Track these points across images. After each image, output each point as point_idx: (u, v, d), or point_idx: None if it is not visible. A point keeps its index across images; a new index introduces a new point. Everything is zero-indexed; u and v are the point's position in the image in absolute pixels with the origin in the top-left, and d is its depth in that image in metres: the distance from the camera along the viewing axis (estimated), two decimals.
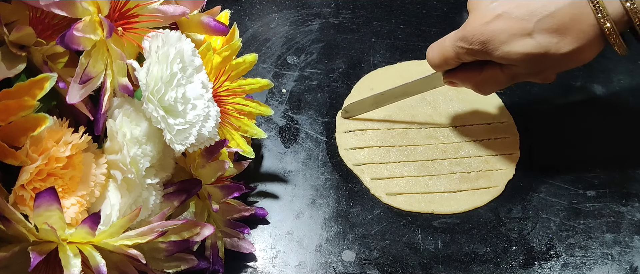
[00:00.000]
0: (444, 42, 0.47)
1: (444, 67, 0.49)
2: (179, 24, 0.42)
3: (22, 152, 0.33)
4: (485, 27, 0.43)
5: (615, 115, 0.57)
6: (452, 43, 0.46)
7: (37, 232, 0.32)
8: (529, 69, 0.44)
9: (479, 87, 0.48)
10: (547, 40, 0.42)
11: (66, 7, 0.34)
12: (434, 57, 0.48)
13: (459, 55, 0.46)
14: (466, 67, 0.48)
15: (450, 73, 0.49)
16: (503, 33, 0.43)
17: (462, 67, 0.48)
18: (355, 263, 0.47)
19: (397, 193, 0.51)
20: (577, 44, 0.42)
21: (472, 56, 0.45)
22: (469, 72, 0.48)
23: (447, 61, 0.47)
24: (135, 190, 0.37)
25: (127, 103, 0.38)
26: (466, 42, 0.44)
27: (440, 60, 0.48)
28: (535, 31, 0.42)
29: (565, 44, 0.42)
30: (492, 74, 0.46)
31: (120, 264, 0.37)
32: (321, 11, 0.66)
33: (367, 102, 0.55)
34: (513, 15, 0.42)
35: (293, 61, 0.61)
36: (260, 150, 0.54)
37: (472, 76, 0.48)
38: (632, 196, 0.51)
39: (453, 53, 0.46)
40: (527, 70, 0.45)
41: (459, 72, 0.48)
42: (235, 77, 0.46)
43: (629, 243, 0.48)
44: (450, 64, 0.47)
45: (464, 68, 0.48)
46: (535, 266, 0.47)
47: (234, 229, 0.46)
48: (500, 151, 0.54)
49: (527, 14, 0.42)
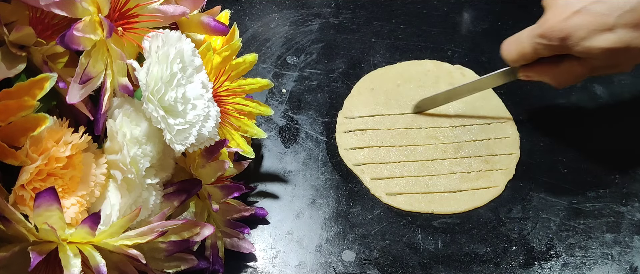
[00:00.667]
0: (521, 38, 0.48)
1: (521, 63, 0.50)
2: (179, 24, 0.42)
3: (22, 152, 0.33)
4: (564, 23, 0.44)
5: (615, 115, 0.57)
6: (530, 39, 0.47)
7: (37, 232, 0.32)
8: (608, 62, 0.45)
9: (556, 79, 0.49)
10: (629, 35, 0.43)
11: (66, 7, 0.34)
12: (510, 53, 0.49)
13: (537, 51, 0.47)
14: (543, 61, 0.48)
15: (527, 67, 0.50)
16: (583, 29, 0.44)
17: (538, 61, 0.49)
18: (355, 263, 0.47)
19: (397, 193, 0.51)
20: None
21: (551, 51, 0.46)
22: (546, 66, 0.49)
23: (525, 57, 0.48)
24: (135, 190, 0.37)
25: (127, 103, 0.38)
26: (545, 39, 0.46)
27: (518, 55, 0.49)
28: (617, 26, 0.43)
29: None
30: (570, 68, 0.47)
31: (120, 264, 0.37)
32: (321, 11, 0.66)
33: (440, 98, 0.56)
34: (592, 11, 0.43)
35: (293, 61, 0.61)
36: (260, 150, 0.54)
37: (549, 69, 0.49)
38: (632, 196, 0.51)
39: (531, 49, 0.47)
40: (606, 63, 0.45)
41: (535, 67, 0.49)
42: (235, 77, 0.46)
43: (629, 243, 0.48)
44: (528, 59, 0.49)
45: (541, 62, 0.49)
46: (535, 266, 0.47)
47: (234, 229, 0.46)
48: (500, 151, 0.54)
49: (607, 9, 0.43)
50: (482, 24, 0.65)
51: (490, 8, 0.67)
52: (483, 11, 0.67)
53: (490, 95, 0.59)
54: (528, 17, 0.65)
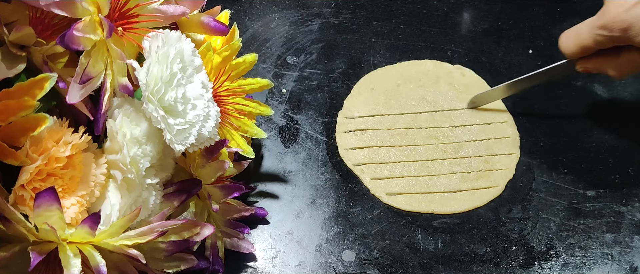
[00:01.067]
0: (580, 30, 0.48)
1: (581, 55, 0.49)
2: (179, 24, 0.42)
3: (22, 152, 0.33)
4: (626, 15, 0.44)
5: (615, 115, 0.57)
6: (590, 31, 0.47)
7: (37, 232, 0.32)
8: None
9: (618, 70, 0.49)
10: None
11: (66, 7, 0.34)
12: (570, 46, 0.49)
13: (598, 43, 0.47)
14: (602, 52, 0.48)
15: (586, 59, 0.50)
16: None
17: (596, 53, 0.49)
18: (355, 263, 0.47)
19: (397, 193, 0.51)
20: None
21: (611, 43, 0.46)
22: (606, 57, 0.48)
23: (585, 49, 0.48)
24: (135, 190, 0.37)
25: (127, 103, 0.38)
26: (607, 30, 0.45)
27: (578, 48, 0.48)
28: None
29: None
30: (631, 58, 0.47)
31: (120, 264, 0.37)
32: (321, 11, 0.66)
33: (496, 92, 0.56)
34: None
35: (293, 61, 0.61)
36: (260, 150, 0.54)
37: (609, 60, 0.48)
38: (632, 196, 0.51)
39: (592, 41, 0.47)
40: None
41: (595, 59, 0.49)
42: (235, 77, 0.46)
43: (629, 243, 0.48)
44: (588, 52, 0.48)
45: (599, 54, 0.49)
46: (535, 266, 0.47)
47: (234, 229, 0.46)
48: (500, 151, 0.54)
49: None
50: (482, 24, 0.65)
51: (490, 8, 0.67)
52: (483, 11, 0.67)
53: None
54: (528, 17, 0.66)
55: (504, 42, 0.63)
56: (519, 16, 0.66)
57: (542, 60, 0.61)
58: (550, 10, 0.66)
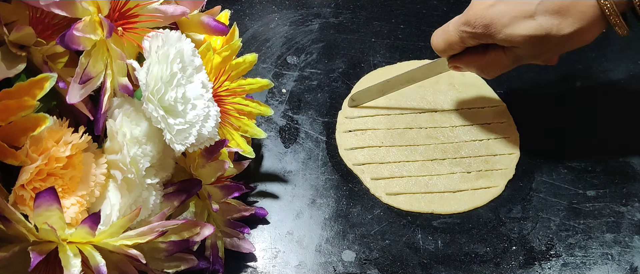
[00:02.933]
0: (448, 27, 0.48)
1: (449, 52, 0.50)
2: (179, 24, 0.42)
3: (22, 152, 0.33)
4: (487, 11, 0.44)
5: (615, 115, 0.57)
6: (455, 28, 0.47)
7: (37, 232, 0.32)
8: (531, 51, 0.45)
9: (483, 70, 0.49)
10: (549, 22, 0.43)
11: (66, 7, 0.34)
12: (438, 43, 0.49)
13: (463, 40, 0.47)
14: (470, 51, 0.49)
15: (455, 58, 0.50)
16: (505, 16, 0.44)
17: (466, 51, 0.49)
18: (355, 263, 0.47)
19: (397, 193, 0.51)
20: (579, 25, 0.43)
21: (475, 40, 0.46)
22: (473, 56, 0.49)
23: (452, 46, 0.48)
24: (135, 190, 0.37)
25: (127, 103, 0.38)
26: (469, 26, 0.45)
27: (445, 45, 0.49)
28: (537, 13, 0.43)
29: (566, 25, 0.43)
30: (496, 57, 0.47)
31: (120, 264, 0.37)
32: (321, 11, 0.66)
33: (374, 90, 0.56)
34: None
35: (293, 61, 0.61)
36: (260, 150, 0.54)
37: (476, 59, 0.49)
38: (632, 196, 0.51)
39: (457, 38, 0.47)
40: (529, 52, 0.45)
41: (463, 57, 0.49)
42: (235, 77, 0.46)
43: (629, 243, 0.48)
44: (455, 48, 0.49)
45: (468, 52, 0.49)
46: (535, 266, 0.47)
47: (234, 229, 0.46)
48: (500, 150, 0.54)
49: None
50: None
51: None
52: None
53: (491, 95, 0.59)
54: None
55: None
56: None
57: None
58: None
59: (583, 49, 0.59)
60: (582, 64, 0.61)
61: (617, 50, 0.61)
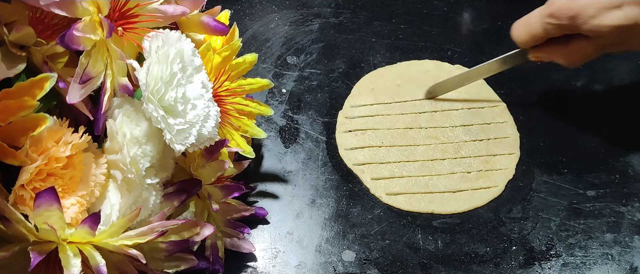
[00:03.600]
0: (530, 19, 0.49)
1: (532, 44, 0.50)
2: (179, 24, 0.42)
3: (22, 152, 0.33)
4: (573, 3, 0.45)
5: (616, 115, 0.57)
6: (539, 20, 0.48)
7: (37, 232, 0.32)
8: (616, 40, 0.46)
9: (567, 59, 0.50)
10: (636, 12, 0.44)
11: (66, 7, 0.34)
12: (520, 35, 0.50)
13: (547, 31, 0.48)
14: (552, 41, 0.49)
15: (537, 48, 0.50)
16: (591, 7, 0.44)
17: (548, 41, 0.49)
18: (355, 263, 0.47)
19: (397, 193, 0.51)
20: None
21: (561, 31, 0.47)
22: (556, 46, 0.49)
23: (535, 38, 0.49)
24: (135, 190, 0.37)
25: (127, 103, 0.38)
26: (555, 18, 0.46)
27: (528, 37, 0.49)
28: (624, 3, 0.44)
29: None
30: (580, 47, 0.48)
31: (120, 264, 0.37)
32: (321, 11, 0.66)
33: (451, 82, 0.57)
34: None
35: (293, 61, 0.61)
36: (260, 150, 0.54)
37: (559, 49, 0.49)
38: (632, 196, 0.51)
39: (541, 30, 0.48)
40: (614, 41, 0.46)
41: (545, 47, 0.50)
42: (235, 77, 0.46)
43: (629, 243, 0.48)
44: (538, 40, 0.49)
45: (550, 42, 0.49)
46: (535, 266, 0.47)
47: (234, 229, 0.46)
48: (500, 151, 0.54)
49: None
50: (482, 24, 0.65)
51: (490, 8, 0.67)
52: (483, 11, 0.67)
53: (491, 95, 0.59)
54: None
55: (504, 42, 0.63)
56: (519, 16, 0.65)
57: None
58: None
59: None
60: (583, 64, 0.61)
61: None
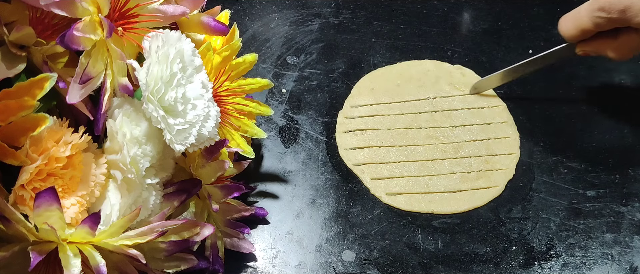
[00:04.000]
0: (579, 13, 0.48)
1: (580, 38, 0.50)
2: (179, 24, 0.42)
3: (22, 152, 0.33)
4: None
5: (616, 115, 0.57)
6: (589, 13, 0.47)
7: (37, 232, 0.32)
8: None
9: (617, 52, 0.49)
10: None
11: (66, 7, 0.34)
12: (569, 30, 0.50)
13: (597, 25, 0.47)
14: (600, 35, 0.49)
15: (585, 42, 0.50)
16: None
17: (595, 35, 0.49)
18: (355, 263, 0.47)
19: (397, 193, 0.51)
20: None
21: (610, 24, 0.47)
22: (605, 40, 0.49)
23: (584, 32, 0.49)
24: (135, 190, 0.37)
25: (127, 103, 0.38)
26: (605, 12, 0.46)
27: (577, 31, 0.49)
28: None
29: None
30: (629, 40, 0.48)
31: (120, 264, 0.37)
32: (321, 11, 0.66)
33: (496, 78, 0.57)
34: None
35: (293, 61, 0.61)
36: (260, 150, 0.54)
37: (608, 43, 0.49)
38: (632, 196, 0.51)
39: (591, 24, 0.48)
40: None
41: (594, 41, 0.50)
42: (235, 77, 0.46)
43: (629, 243, 0.48)
44: (587, 34, 0.49)
45: (598, 36, 0.49)
46: (535, 266, 0.47)
47: (234, 229, 0.46)
48: (500, 151, 0.54)
49: None
50: (482, 24, 0.65)
51: (490, 8, 0.67)
52: (483, 11, 0.67)
53: (491, 95, 0.59)
54: (528, 17, 0.66)
55: (504, 42, 0.63)
56: (519, 16, 0.66)
57: None
58: (550, 10, 0.66)
59: None
60: (584, 64, 0.61)
61: None
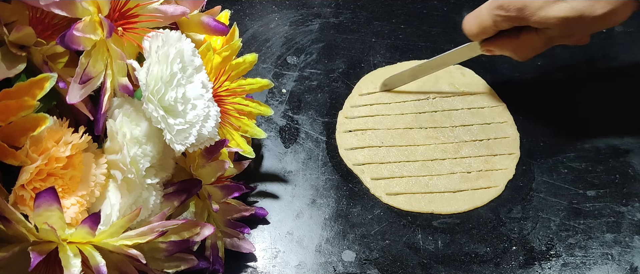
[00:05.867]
0: (481, 11, 0.49)
1: (482, 36, 0.51)
2: (179, 24, 0.42)
3: (22, 152, 0.33)
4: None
5: (616, 115, 0.57)
6: (489, 12, 0.48)
7: (37, 232, 0.32)
8: (563, 32, 0.47)
9: (517, 52, 0.50)
10: (582, 4, 0.44)
11: (66, 7, 0.34)
12: (471, 27, 0.50)
13: (496, 23, 0.48)
14: (503, 34, 0.50)
15: (488, 41, 0.51)
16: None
17: (498, 34, 0.50)
18: (355, 263, 0.47)
19: (397, 193, 0.51)
20: (611, 6, 0.44)
21: (509, 23, 0.48)
22: (506, 38, 0.50)
23: (485, 30, 0.50)
24: (135, 190, 0.37)
25: (127, 103, 0.38)
26: (503, 10, 0.47)
27: (478, 29, 0.50)
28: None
29: (599, 7, 0.44)
30: (529, 39, 0.49)
31: (120, 264, 0.37)
32: (321, 11, 0.66)
33: (405, 75, 0.57)
34: None
35: (293, 61, 0.61)
36: (260, 150, 0.54)
37: (509, 41, 0.50)
38: (632, 196, 0.51)
39: (491, 22, 0.48)
40: (561, 33, 0.47)
41: (496, 40, 0.51)
42: (235, 77, 0.46)
43: (629, 243, 0.48)
44: (488, 32, 0.50)
45: (501, 35, 0.50)
46: (535, 266, 0.47)
47: (234, 229, 0.46)
48: (500, 151, 0.54)
49: None
50: None
51: None
52: None
53: (491, 95, 0.59)
54: None
55: None
56: None
57: (542, 60, 0.61)
58: None
59: (585, 49, 0.59)
60: (584, 64, 0.61)
61: (619, 50, 0.61)
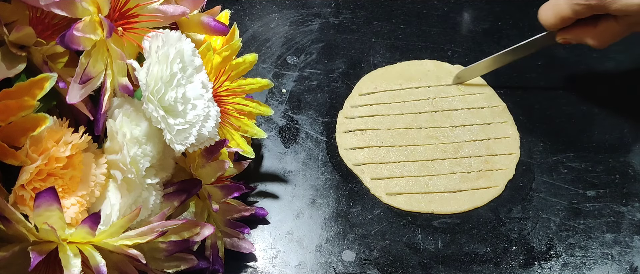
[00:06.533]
0: (559, 1, 0.49)
1: (560, 26, 0.50)
2: (179, 24, 0.42)
3: (22, 152, 0.33)
4: None
5: (616, 116, 0.57)
6: (568, 1, 0.48)
7: (37, 232, 0.32)
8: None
9: (597, 40, 0.50)
10: None
11: (66, 7, 0.34)
12: (549, 18, 0.50)
13: (576, 13, 0.48)
14: (580, 23, 0.49)
15: (565, 30, 0.51)
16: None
17: (575, 23, 0.50)
18: (355, 263, 0.47)
19: (397, 193, 0.51)
20: None
21: (590, 11, 0.47)
22: (584, 27, 0.50)
23: (564, 20, 0.49)
24: (135, 190, 0.37)
25: (127, 103, 0.38)
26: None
27: (557, 19, 0.49)
28: None
29: None
30: (608, 26, 0.48)
31: (120, 264, 0.37)
32: (321, 11, 0.66)
33: (480, 67, 0.57)
34: None
35: (293, 61, 0.61)
36: (260, 150, 0.54)
37: (587, 30, 0.50)
38: (632, 196, 0.51)
39: (570, 11, 0.48)
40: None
41: (573, 29, 0.50)
42: (235, 77, 0.46)
43: (629, 243, 0.48)
44: (567, 22, 0.49)
45: (577, 24, 0.50)
46: (535, 266, 0.47)
47: (234, 229, 0.46)
48: (500, 151, 0.54)
49: None
50: (482, 24, 0.65)
51: (490, 8, 0.67)
52: (483, 11, 0.67)
53: (491, 95, 0.59)
54: (528, 17, 0.66)
55: (504, 42, 0.63)
56: (519, 16, 0.66)
57: (542, 60, 0.61)
58: None
59: (585, 49, 0.59)
60: (584, 64, 0.61)
61: (619, 50, 0.61)
